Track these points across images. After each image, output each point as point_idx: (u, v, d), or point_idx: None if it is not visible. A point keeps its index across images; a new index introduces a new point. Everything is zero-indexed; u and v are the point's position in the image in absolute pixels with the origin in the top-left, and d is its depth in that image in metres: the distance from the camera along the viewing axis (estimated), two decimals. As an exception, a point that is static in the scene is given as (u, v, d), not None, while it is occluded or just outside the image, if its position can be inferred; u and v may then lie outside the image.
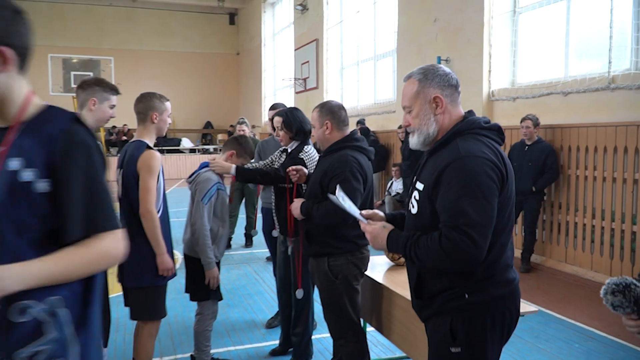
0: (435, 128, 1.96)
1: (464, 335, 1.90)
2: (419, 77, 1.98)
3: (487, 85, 7.67)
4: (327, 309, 3.10)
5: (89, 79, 3.06)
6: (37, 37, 6.65)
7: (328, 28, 13.49)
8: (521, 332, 4.32)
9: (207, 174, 3.39)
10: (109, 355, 3.85)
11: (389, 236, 2.00)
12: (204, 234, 3.28)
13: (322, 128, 3.07)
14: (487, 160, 1.82)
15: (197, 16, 21.65)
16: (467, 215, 1.75)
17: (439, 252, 1.79)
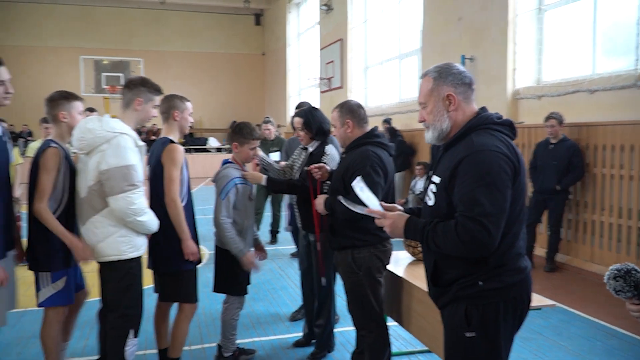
0: (448, 124, 2.08)
1: (478, 321, 1.99)
2: (433, 75, 2.09)
3: (512, 83, 7.64)
4: (351, 300, 3.19)
5: (134, 78, 3.16)
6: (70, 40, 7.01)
7: (352, 27, 13.56)
8: (543, 329, 4.33)
9: (226, 171, 3.52)
10: (140, 344, 4.00)
11: (407, 223, 2.10)
12: (223, 227, 3.42)
13: (344, 127, 3.18)
14: (501, 153, 1.92)
15: (223, 17, 21.95)
16: (482, 206, 1.85)
17: (455, 240, 1.89)
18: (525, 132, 7.23)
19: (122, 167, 2.82)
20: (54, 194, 2.98)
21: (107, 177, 2.82)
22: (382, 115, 11.33)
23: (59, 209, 3.01)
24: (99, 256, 2.95)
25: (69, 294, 3.10)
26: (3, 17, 19.54)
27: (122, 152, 2.84)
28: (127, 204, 2.84)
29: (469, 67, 8.39)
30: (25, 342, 4.06)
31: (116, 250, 2.92)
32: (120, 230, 2.91)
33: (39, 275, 3.04)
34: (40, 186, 2.94)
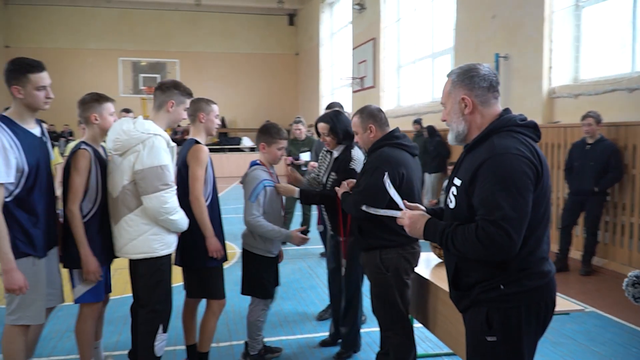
0: (464, 127, 2.07)
1: (500, 325, 1.96)
2: (453, 77, 2.10)
3: (548, 82, 7.47)
4: (377, 301, 3.18)
5: (167, 81, 3.25)
6: (109, 42, 7.20)
7: (385, 27, 13.49)
8: (575, 334, 4.23)
9: (254, 173, 3.52)
10: (170, 340, 4.09)
11: (427, 223, 2.10)
12: (257, 225, 3.44)
13: (366, 132, 3.19)
14: (523, 157, 1.89)
15: (257, 18, 22.14)
16: (502, 209, 1.83)
17: (474, 243, 1.88)
18: (561, 132, 7.05)
19: (156, 167, 2.91)
20: (89, 194, 3.07)
21: (142, 177, 2.92)
22: (414, 115, 11.25)
23: (94, 208, 3.11)
24: (131, 253, 3.05)
25: (100, 291, 3.21)
26: (46, 20, 20.21)
27: (156, 152, 2.93)
28: (160, 203, 2.93)
29: (503, 65, 8.25)
30: (61, 336, 4.21)
31: (148, 248, 3.02)
32: (153, 229, 3.01)
33: (73, 273, 3.15)
34: (72, 187, 3.05)
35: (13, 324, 2.83)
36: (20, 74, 2.75)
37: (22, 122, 2.82)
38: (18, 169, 2.71)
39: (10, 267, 2.67)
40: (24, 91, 2.76)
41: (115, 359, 3.67)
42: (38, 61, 2.83)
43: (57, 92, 3.24)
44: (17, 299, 2.80)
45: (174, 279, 3.24)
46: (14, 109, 2.82)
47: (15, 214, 2.73)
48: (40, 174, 2.84)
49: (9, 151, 2.66)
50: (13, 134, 2.72)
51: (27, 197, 2.78)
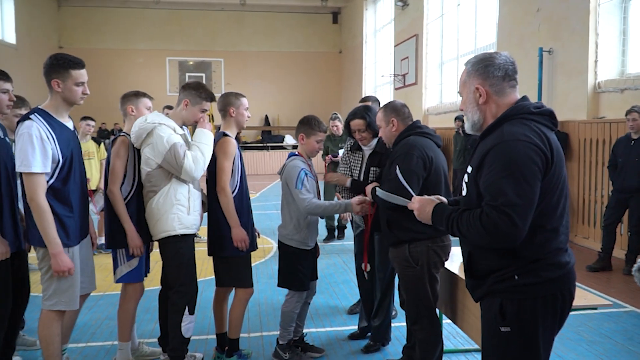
0: (479, 116, 2.08)
1: (514, 316, 1.95)
2: (468, 67, 2.10)
3: (593, 76, 7.24)
4: (406, 295, 3.19)
5: (190, 82, 3.49)
6: (157, 42, 7.45)
7: (428, 23, 13.34)
8: (613, 333, 4.11)
9: (293, 163, 3.53)
10: (203, 329, 4.22)
11: (435, 208, 2.12)
12: (315, 206, 3.40)
13: (389, 126, 3.24)
14: (529, 143, 1.87)
15: (301, 17, 22.30)
16: (506, 195, 1.82)
17: (478, 228, 1.88)
18: (607, 127, 6.82)
19: (169, 150, 3.17)
20: (127, 178, 3.33)
21: (167, 163, 3.20)
22: (456, 112, 11.09)
23: (132, 191, 3.35)
24: (156, 234, 3.30)
25: (141, 271, 3.43)
26: (98, 22, 20.98)
27: (165, 137, 3.18)
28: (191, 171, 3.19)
29: (547, 60, 8.03)
30: (100, 324, 4.40)
31: (168, 226, 3.25)
32: (172, 208, 3.25)
33: (116, 253, 3.38)
34: (113, 170, 3.32)
35: (50, 309, 2.99)
36: (63, 69, 2.88)
37: (57, 115, 2.96)
38: (54, 160, 2.85)
39: (58, 250, 2.83)
40: (63, 85, 2.90)
41: (149, 346, 3.81)
42: (80, 58, 2.98)
43: (107, 91, 3.47)
44: (54, 285, 2.94)
45: (207, 271, 3.36)
46: (51, 102, 2.95)
47: (51, 204, 2.86)
48: (74, 165, 2.98)
49: (46, 142, 2.80)
50: (49, 126, 2.86)
51: (62, 187, 2.92)
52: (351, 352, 3.89)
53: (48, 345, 3.01)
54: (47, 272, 2.94)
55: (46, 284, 2.97)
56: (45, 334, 3.00)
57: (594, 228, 7.10)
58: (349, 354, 3.86)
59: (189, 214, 3.30)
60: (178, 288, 3.31)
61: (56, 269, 2.85)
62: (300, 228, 3.51)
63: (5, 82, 3.09)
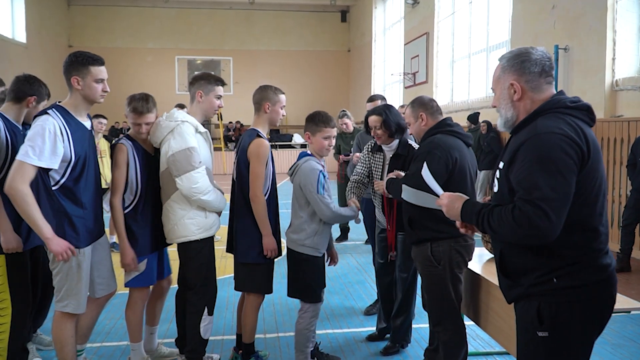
0: (513, 113, 2.00)
1: (552, 320, 1.87)
2: (502, 62, 2.03)
3: (611, 74, 7.13)
4: (428, 295, 3.12)
5: (197, 74, 3.36)
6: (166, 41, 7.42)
7: (439, 21, 13.24)
8: (637, 336, 4.03)
9: (308, 164, 3.24)
10: (219, 329, 4.17)
11: (465, 204, 2.02)
12: (338, 214, 3.26)
13: (418, 121, 3.15)
14: (564, 136, 1.79)
15: (310, 15, 22.22)
16: (540, 189, 1.74)
17: (511, 224, 1.78)
18: (625, 126, 6.71)
19: (184, 149, 3.06)
20: (129, 187, 3.19)
21: (173, 161, 3.08)
22: (469, 110, 11.00)
23: (135, 200, 3.22)
24: (173, 238, 3.22)
25: (150, 276, 3.33)
26: (107, 20, 21.00)
27: (184, 136, 3.09)
28: (191, 183, 3.06)
29: (563, 57, 7.92)
30: (114, 323, 4.35)
31: (187, 232, 3.17)
32: (189, 213, 3.16)
33: None
34: (113, 181, 3.20)
35: (62, 310, 2.94)
36: (82, 66, 2.83)
37: (75, 113, 2.90)
38: (65, 159, 2.78)
39: (50, 234, 2.73)
40: (83, 82, 2.84)
41: (166, 346, 3.76)
42: (99, 55, 2.94)
43: (117, 90, 3.36)
44: (65, 286, 2.89)
45: (222, 270, 3.31)
46: (70, 100, 2.90)
47: (62, 203, 2.81)
48: (87, 165, 2.92)
49: (58, 139, 2.73)
50: (66, 123, 2.80)
51: (73, 186, 2.85)
52: (370, 354, 3.82)
53: (62, 346, 2.96)
54: (58, 272, 2.89)
55: (58, 285, 2.91)
56: (59, 335, 2.96)
57: (612, 228, 6.98)
58: (367, 356, 3.79)
59: (207, 217, 3.22)
60: (198, 289, 3.25)
61: (57, 253, 2.74)
62: (313, 233, 3.27)
63: None
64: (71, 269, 2.86)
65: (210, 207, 3.21)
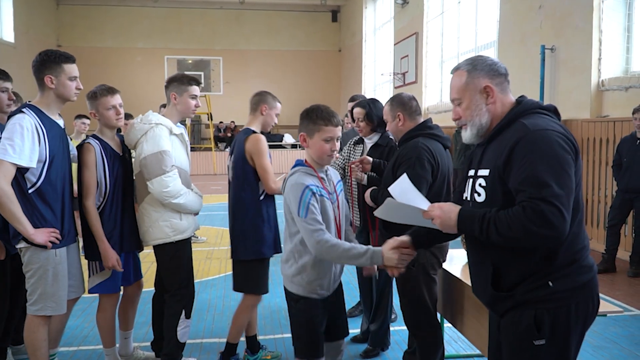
0: (487, 118, 1.93)
1: (550, 327, 1.80)
2: (467, 68, 1.95)
3: (597, 74, 7.13)
4: (404, 297, 3.09)
5: (171, 76, 3.31)
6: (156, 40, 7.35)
7: (428, 21, 13.23)
8: (619, 338, 4.02)
9: (295, 177, 2.45)
10: (198, 331, 4.11)
11: (461, 212, 1.86)
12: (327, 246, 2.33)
13: (395, 120, 3.11)
14: (559, 132, 1.77)
15: (300, 15, 22.17)
16: (550, 187, 1.68)
17: (524, 225, 1.67)
18: (610, 126, 6.71)
19: (156, 153, 3.03)
20: (98, 188, 3.10)
21: (145, 164, 3.05)
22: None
23: (103, 201, 3.13)
24: (148, 240, 3.19)
25: (116, 282, 3.25)
26: (96, 20, 20.85)
27: (157, 139, 3.05)
28: (161, 187, 3.03)
29: (549, 57, 7.92)
30: (92, 327, 4.26)
31: (161, 234, 3.13)
32: (163, 215, 3.12)
33: (90, 264, 3.21)
34: (84, 183, 3.08)
35: (35, 314, 2.87)
36: (55, 64, 2.80)
37: (49, 113, 2.85)
38: (40, 159, 2.74)
39: (32, 230, 2.71)
40: (57, 81, 2.81)
41: (144, 350, 3.70)
42: (70, 53, 2.90)
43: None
44: (39, 289, 2.84)
45: (203, 272, 3.27)
46: (42, 99, 2.85)
47: (37, 206, 2.77)
48: (62, 165, 2.88)
49: (34, 137, 2.70)
50: (41, 122, 2.76)
51: (49, 188, 2.81)
52: (350, 356, 3.78)
53: (35, 350, 2.91)
54: (32, 275, 2.84)
55: (31, 288, 2.86)
56: (32, 339, 2.90)
57: (598, 229, 6.98)
58: (347, 358, 3.75)
59: (182, 219, 3.18)
60: (175, 292, 3.21)
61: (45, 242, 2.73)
62: (304, 266, 2.47)
63: (4, 81, 3.02)
64: (46, 272, 2.82)
65: (183, 210, 3.17)
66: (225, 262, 6.31)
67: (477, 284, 2.01)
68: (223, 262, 6.33)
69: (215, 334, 4.14)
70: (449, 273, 3.24)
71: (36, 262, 2.81)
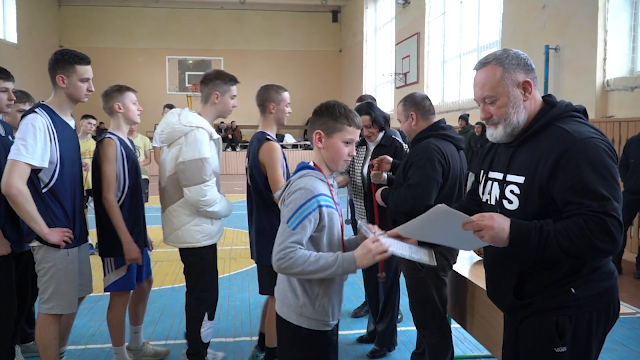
0: (524, 116, 1.82)
1: (571, 334, 1.76)
2: (499, 62, 1.82)
3: (602, 74, 7.10)
4: (413, 298, 3.06)
5: (209, 72, 3.21)
6: (157, 41, 7.35)
7: (430, 21, 13.21)
8: (627, 340, 3.98)
9: (305, 181, 2.03)
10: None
11: (513, 225, 1.68)
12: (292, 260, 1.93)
13: (408, 120, 3.07)
14: (602, 140, 1.71)
15: (301, 15, 22.16)
16: (609, 200, 1.62)
17: (590, 239, 1.61)
18: (616, 126, 6.68)
19: (197, 160, 2.97)
20: (117, 183, 3.10)
21: (183, 169, 2.99)
22: (459, 111, 10.97)
23: (123, 196, 3.13)
24: (175, 242, 3.16)
25: (131, 280, 3.23)
26: (98, 21, 20.85)
27: (198, 145, 2.98)
28: (199, 196, 2.99)
29: (553, 57, 7.90)
30: (99, 325, 4.26)
31: (191, 238, 3.11)
32: (194, 220, 3.09)
33: (104, 261, 3.19)
34: (104, 176, 3.06)
35: (47, 313, 2.87)
36: (68, 64, 2.80)
37: (60, 113, 2.86)
38: (52, 160, 2.74)
39: (47, 229, 2.73)
40: (68, 81, 2.81)
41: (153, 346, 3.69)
42: (85, 54, 2.90)
43: (106, 90, 3.27)
44: (51, 288, 2.84)
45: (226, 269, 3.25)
46: (55, 99, 2.86)
47: (51, 206, 2.78)
48: (73, 166, 2.89)
49: (46, 137, 2.70)
50: (52, 123, 2.76)
51: (61, 188, 2.81)
52: (356, 356, 3.75)
53: (45, 349, 2.92)
54: (44, 274, 2.85)
55: (43, 287, 2.87)
56: (43, 337, 2.90)
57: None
58: (354, 358, 3.72)
59: (213, 224, 3.16)
60: (199, 294, 3.19)
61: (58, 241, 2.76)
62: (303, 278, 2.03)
63: (5, 81, 3.00)
64: (59, 271, 2.84)
65: (216, 217, 3.16)
66: (229, 262, 6.28)
67: (497, 290, 1.96)
68: (227, 262, 6.30)
69: (222, 333, 4.11)
70: (457, 274, 3.21)
71: (49, 260, 2.82)
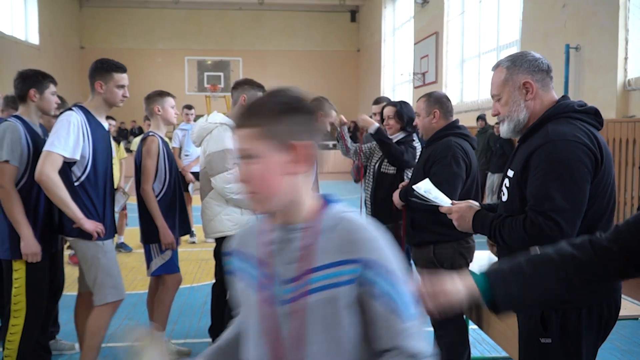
0: (525, 114, 1.93)
1: (557, 327, 1.82)
2: (507, 65, 1.97)
3: (623, 73, 7.01)
4: None
5: (240, 79, 3.63)
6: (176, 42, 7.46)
7: (449, 20, 13.15)
8: None
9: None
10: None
11: (476, 216, 1.99)
12: None
13: (429, 117, 3.10)
14: (579, 143, 1.75)
15: (319, 15, 22.20)
16: (553, 200, 1.70)
17: (522, 235, 1.77)
18: (637, 126, 6.59)
19: (220, 151, 3.26)
20: (158, 176, 3.46)
21: (209, 161, 3.29)
22: (478, 111, 10.90)
23: (164, 189, 3.48)
24: (210, 233, 3.42)
25: (175, 263, 3.57)
26: (118, 22, 21.15)
27: (221, 138, 3.29)
28: (224, 183, 3.24)
29: (574, 57, 7.81)
30: (119, 324, 4.31)
31: (222, 227, 3.34)
32: (225, 210, 3.34)
33: (150, 247, 3.48)
34: (145, 169, 3.43)
35: (99, 304, 3.04)
36: (106, 72, 3.06)
37: (96, 115, 3.09)
38: (83, 154, 2.94)
39: (81, 215, 2.90)
40: (106, 87, 3.05)
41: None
42: (122, 64, 3.15)
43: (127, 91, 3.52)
44: (97, 279, 3.01)
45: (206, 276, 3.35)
46: (92, 102, 3.10)
47: (82, 199, 2.96)
48: (105, 164, 3.08)
49: (80, 132, 2.91)
50: (87, 122, 2.98)
51: (93, 184, 3.00)
52: (373, 357, 3.77)
53: (93, 336, 3.07)
54: (88, 268, 3.02)
55: (92, 280, 3.04)
56: (94, 324, 3.07)
57: (623, 230, 6.86)
58: (370, 359, 3.74)
59: (243, 214, 3.35)
60: None
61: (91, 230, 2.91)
62: None
63: (55, 86, 3.26)
64: (99, 261, 3.01)
65: (243, 206, 3.34)
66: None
67: None
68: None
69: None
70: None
71: (88, 252, 3.00)
